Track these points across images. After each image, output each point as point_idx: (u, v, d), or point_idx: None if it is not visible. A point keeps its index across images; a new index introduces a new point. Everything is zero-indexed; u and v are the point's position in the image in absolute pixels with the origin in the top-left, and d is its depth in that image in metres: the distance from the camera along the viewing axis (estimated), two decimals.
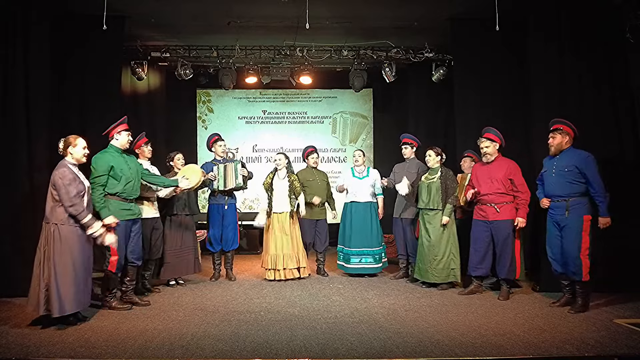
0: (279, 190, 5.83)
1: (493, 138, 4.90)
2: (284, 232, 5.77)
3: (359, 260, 5.95)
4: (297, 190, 5.83)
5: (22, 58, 4.89)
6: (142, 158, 5.16)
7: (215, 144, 5.86)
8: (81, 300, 3.97)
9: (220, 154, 5.84)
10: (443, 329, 3.91)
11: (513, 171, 4.83)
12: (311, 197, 6.02)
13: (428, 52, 7.04)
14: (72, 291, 3.87)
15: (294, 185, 5.82)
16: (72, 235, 3.91)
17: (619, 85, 5.19)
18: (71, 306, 3.87)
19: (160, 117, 7.77)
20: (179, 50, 7.18)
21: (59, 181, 3.85)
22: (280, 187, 5.84)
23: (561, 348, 3.48)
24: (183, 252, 5.45)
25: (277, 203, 5.82)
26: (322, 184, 6.18)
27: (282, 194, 5.82)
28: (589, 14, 5.25)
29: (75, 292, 3.89)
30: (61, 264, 3.85)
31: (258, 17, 6.17)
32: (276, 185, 5.86)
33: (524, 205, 4.80)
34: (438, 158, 5.37)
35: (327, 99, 9.07)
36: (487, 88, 6.04)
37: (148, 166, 5.14)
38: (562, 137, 4.46)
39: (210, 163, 5.83)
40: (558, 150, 4.48)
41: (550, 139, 4.52)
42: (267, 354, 3.39)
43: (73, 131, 4.30)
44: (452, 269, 5.22)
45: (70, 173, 3.90)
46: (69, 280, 3.86)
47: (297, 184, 5.84)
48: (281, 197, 5.82)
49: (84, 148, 4.06)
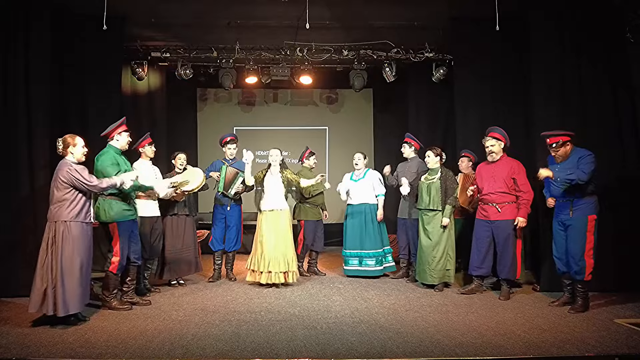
0: (271, 187, 5.49)
1: (498, 137, 4.89)
2: (274, 232, 5.36)
3: (358, 262, 5.93)
4: (295, 181, 5.53)
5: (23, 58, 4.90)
6: (144, 158, 5.16)
7: (225, 145, 5.89)
8: (85, 299, 4.02)
9: (229, 155, 5.86)
10: (443, 329, 3.91)
11: (516, 170, 4.81)
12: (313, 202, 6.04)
13: (428, 52, 7.03)
14: (78, 292, 3.90)
15: (289, 179, 5.51)
16: (81, 233, 3.96)
17: (619, 84, 5.20)
18: (75, 306, 3.90)
19: (160, 117, 7.76)
20: (179, 50, 7.18)
21: (70, 175, 3.90)
22: (273, 184, 5.50)
23: (561, 348, 3.48)
24: (183, 252, 5.45)
25: (268, 200, 5.48)
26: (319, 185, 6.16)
27: (273, 191, 5.48)
28: (589, 14, 5.25)
29: (80, 292, 3.92)
30: (69, 263, 3.87)
31: (258, 17, 6.16)
32: (268, 182, 5.51)
33: (526, 205, 4.79)
34: (437, 159, 5.36)
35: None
36: (488, 88, 6.03)
37: (149, 167, 5.14)
38: (565, 147, 4.46)
39: (220, 161, 5.89)
40: (566, 157, 4.47)
41: (552, 152, 4.51)
42: (267, 354, 3.39)
43: (73, 131, 4.30)
44: (447, 270, 5.24)
45: (77, 165, 3.97)
46: (75, 279, 3.89)
47: (291, 176, 5.52)
48: (272, 194, 5.47)
49: (83, 147, 4.09)
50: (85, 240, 3.99)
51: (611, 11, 5.30)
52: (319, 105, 9.19)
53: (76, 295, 3.89)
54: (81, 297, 3.95)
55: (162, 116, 7.80)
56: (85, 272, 3.98)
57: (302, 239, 6.17)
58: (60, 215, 3.91)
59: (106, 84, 5.80)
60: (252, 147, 8.90)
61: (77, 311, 3.96)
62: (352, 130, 9.04)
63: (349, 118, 9.14)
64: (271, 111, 9.11)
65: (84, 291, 4.00)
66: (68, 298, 3.84)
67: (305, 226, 6.13)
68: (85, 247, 3.98)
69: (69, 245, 3.89)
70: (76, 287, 3.89)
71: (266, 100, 9.12)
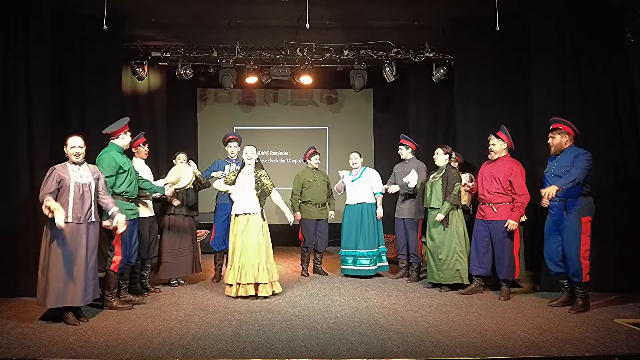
0: (242, 188, 4.92)
1: (502, 137, 4.88)
2: (242, 239, 4.84)
3: (353, 261, 5.93)
4: (267, 188, 4.94)
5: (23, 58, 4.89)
6: (137, 157, 5.16)
7: (227, 143, 5.89)
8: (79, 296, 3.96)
9: (230, 154, 5.86)
10: (443, 329, 3.91)
11: (514, 172, 4.78)
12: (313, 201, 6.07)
13: (428, 51, 7.03)
14: (60, 286, 3.88)
15: (262, 183, 4.92)
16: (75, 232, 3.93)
17: (619, 84, 5.20)
18: (53, 301, 3.89)
19: (160, 117, 7.76)
20: (179, 50, 7.18)
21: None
22: (244, 184, 4.93)
23: (562, 348, 3.48)
24: (182, 252, 5.43)
25: (239, 204, 4.94)
26: (323, 184, 6.19)
27: (245, 192, 4.91)
28: (589, 14, 5.26)
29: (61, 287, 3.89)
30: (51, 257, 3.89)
31: (258, 17, 6.16)
32: (239, 182, 4.96)
33: (519, 209, 4.74)
34: (446, 157, 5.29)
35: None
36: (488, 88, 6.03)
37: (142, 166, 5.12)
38: (562, 137, 4.45)
39: (222, 161, 5.88)
40: (558, 150, 4.47)
41: (549, 139, 4.51)
42: (267, 353, 3.39)
43: (74, 131, 4.31)
44: (457, 270, 5.12)
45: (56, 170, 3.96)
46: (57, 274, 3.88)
47: (266, 180, 4.93)
48: (243, 196, 4.91)
49: (73, 147, 4.04)
50: (69, 237, 3.93)
51: (611, 11, 5.30)
52: (319, 105, 9.19)
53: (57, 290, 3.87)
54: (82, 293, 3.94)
55: (162, 116, 7.80)
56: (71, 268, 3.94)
57: (301, 238, 6.17)
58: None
59: (106, 84, 5.80)
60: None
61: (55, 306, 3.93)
62: (352, 130, 9.04)
63: (349, 118, 9.14)
64: (271, 111, 9.11)
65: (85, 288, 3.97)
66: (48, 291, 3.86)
67: (303, 225, 6.12)
68: (68, 242, 3.93)
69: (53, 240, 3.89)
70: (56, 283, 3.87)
71: (266, 100, 9.12)
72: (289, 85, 8.40)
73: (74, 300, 3.95)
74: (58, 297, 3.89)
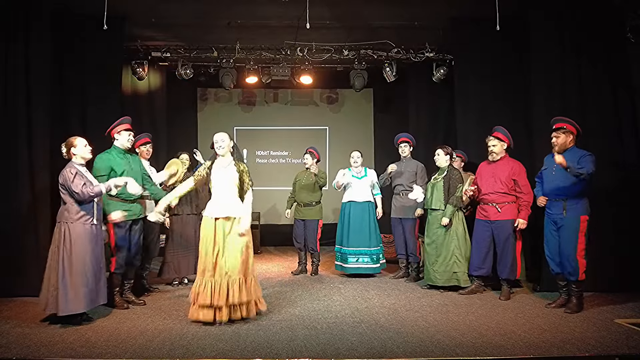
0: (219, 184, 4.03)
1: (501, 137, 4.89)
2: (225, 248, 3.97)
3: (356, 259, 5.92)
4: (246, 186, 4.10)
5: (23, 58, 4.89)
6: (141, 158, 5.16)
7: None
8: (93, 299, 3.97)
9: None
10: (444, 329, 3.91)
11: (517, 172, 4.81)
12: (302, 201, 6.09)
13: (429, 51, 7.03)
14: (82, 291, 3.88)
15: (244, 180, 4.09)
16: (84, 234, 3.93)
17: (619, 84, 5.20)
18: (78, 306, 3.87)
19: (160, 117, 7.77)
20: (180, 50, 7.18)
21: (63, 178, 3.91)
22: (222, 179, 4.04)
23: (562, 348, 3.49)
24: (186, 252, 5.43)
25: (215, 202, 4.05)
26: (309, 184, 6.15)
27: (223, 188, 4.03)
28: (589, 14, 5.25)
29: (85, 292, 3.89)
30: (73, 263, 3.86)
31: (258, 17, 6.16)
32: (215, 177, 4.05)
33: (526, 207, 4.78)
34: (447, 157, 5.29)
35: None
36: (488, 88, 6.03)
37: (147, 167, 5.13)
38: (566, 137, 4.45)
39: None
40: (562, 149, 4.45)
41: (553, 138, 4.50)
42: (267, 353, 3.40)
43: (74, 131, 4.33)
44: (454, 272, 5.10)
45: (74, 169, 3.93)
46: (80, 280, 3.87)
47: (246, 177, 4.09)
48: (222, 193, 4.03)
49: (85, 146, 4.07)
50: (89, 240, 3.94)
51: (611, 11, 5.30)
52: (319, 105, 9.19)
53: (81, 295, 3.86)
54: (88, 297, 3.91)
55: (162, 116, 7.80)
56: (91, 272, 3.93)
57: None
58: (63, 216, 3.92)
59: (106, 84, 5.79)
60: (252, 147, 9.04)
61: (81, 311, 3.92)
62: (352, 130, 9.04)
63: (349, 118, 9.14)
64: (271, 111, 9.11)
65: (92, 291, 3.95)
66: (71, 298, 3.83)
67: (294, 225, 6.08)
68: (91, 246, 3.94)
69: (71, 246, 3.87)
70: (81, 287, 3.86)
71: (266, 100, 9.12)
72: (289, 85, 8.41)
73: (89, 304, 3.95)
74: (77, 304, 3.85)
